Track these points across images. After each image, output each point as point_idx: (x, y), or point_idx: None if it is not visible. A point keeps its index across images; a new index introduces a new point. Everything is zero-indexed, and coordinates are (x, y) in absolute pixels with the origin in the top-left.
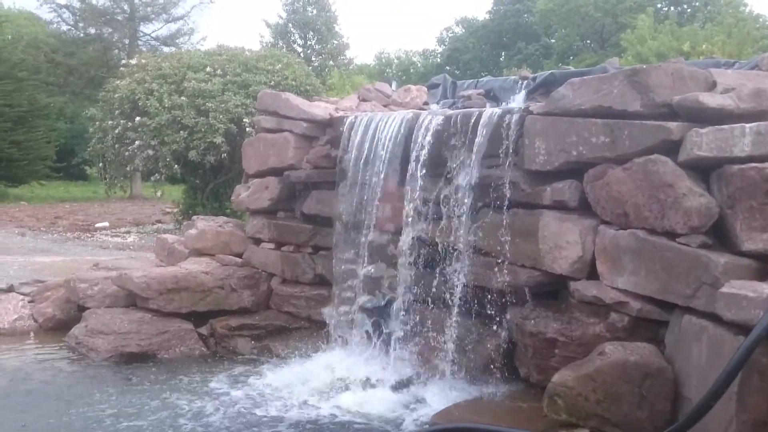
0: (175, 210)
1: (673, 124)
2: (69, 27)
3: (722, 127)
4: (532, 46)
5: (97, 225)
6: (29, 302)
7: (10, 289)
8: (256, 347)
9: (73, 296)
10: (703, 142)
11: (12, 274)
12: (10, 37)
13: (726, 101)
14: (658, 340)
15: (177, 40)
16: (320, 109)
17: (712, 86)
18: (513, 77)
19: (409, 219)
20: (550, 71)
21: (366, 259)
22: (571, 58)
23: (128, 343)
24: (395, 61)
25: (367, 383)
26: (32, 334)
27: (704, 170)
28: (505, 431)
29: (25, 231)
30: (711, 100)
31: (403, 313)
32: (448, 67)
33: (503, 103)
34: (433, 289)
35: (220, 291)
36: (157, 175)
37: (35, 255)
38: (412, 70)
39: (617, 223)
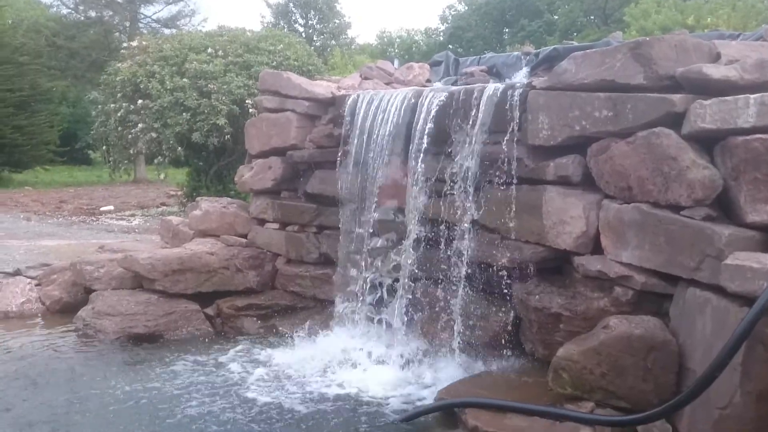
0: (179, 193)
1: (676, 97)
2: (69, 10)
3: (726, 98)
4: (535, 23)
5: (101, 209)
6: (36, 285)
7: (17, 273)
8: (262, 327)
9: (80, 279)
10: (706, 114)
11: (18, 258)
12: (10, 21)
13: (730, 72)
14: (663, 313)
15: (178, 22)
16: (322, 87)
17: (716, 58)
18: (516, 53)
19: (413, 196)
20: (553, 47)
21: (370, 237)
22: (575, 34)
23: (135, 324)
24: (397, 40)
25: (372, 360)
26: (40, 316)
27: (708, 142)
28: (510, 405)
29: (30, 216)
30: (715, 71)
31: (408, 290)
32: (450, 46)
33: (506, 80)
34: (438, 266)
35: (226, 271)
36: (160, 158)
37: (41, 239)
38: (414, 49)
39: (621, 197)
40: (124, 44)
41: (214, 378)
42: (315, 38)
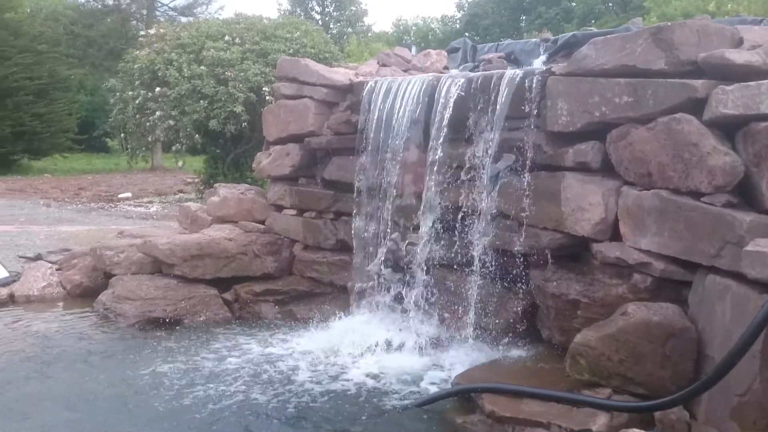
0: (197, 180)
1: (698, 82)
2: None
3: (748, 83)
4: (553, 10)
5: (120, 195)
6: (57, 270)
7: (38, 258)
8: (280, 312)
9: (100, 264)
10: (728, 100)
11: (39, 244)
12: (29, 10)
13: (753, 57)
14: (682, 300)
15: (195, 10)
16: (340, 74)
17: (738, 43)
18: (534, 40)
19: (431, 183)
20: (572, 33)
21: (388, 224)
22: (593, 21)
23: (155, 308)
24: (413, 28)
25: (389, 346)
26: (61, 300)
27: (730, 128)
28: (527, 391)
29: (50, 202)
30: (737, 56)
31: (425, 277)
32: (467, 33)
33: (524, 66)
34: (455, 253)
35: (244, 257)
36: (178, 145)
37: (61, 225)
38: (430, 37)
39: (640, 184)
40: (142, 32)
41: (232, 362)
42: (331, 26)
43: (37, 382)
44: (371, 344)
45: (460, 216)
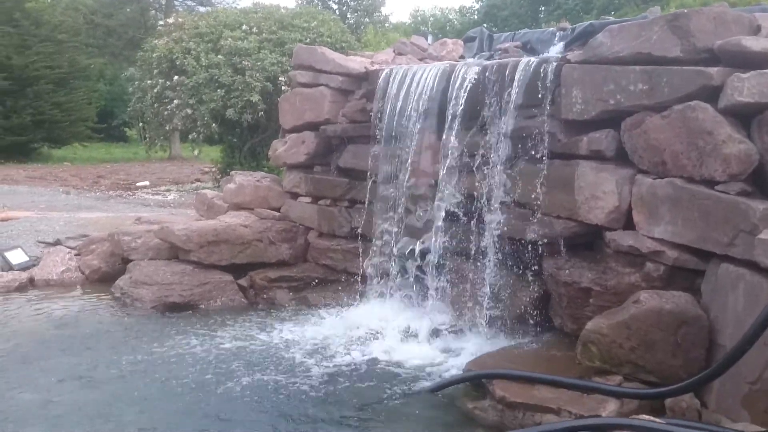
0: (213, 169)
1: (713, 70)
2: None
3: (765, 71)
4: (573, 1)
5: (138, 184)
6: (76, 255)
7: (57, 243)
8: (294, 299)
9: (117, 249)
10: (744, 88)
11: (58, 229)
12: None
13: None
14: (695, 289)
15: (213, 0)
16: (356, 62)
17: (756, 30)
18: (551, 29)
19: (445, 171)
20: (588, 22)
21: (402, 212)
22: (612, 12)
23: (171, 293)
24: (431, 18)
25: (403, 333)
26: (79, 285)
27: (745, 116)
28: (538, 377)
29: (69, 190)
30: (755, 43)
31: (438, 264)
32: (485, 24)
33: (541, 55)
34: (469, 241)
35: (259, 244)
36: (195, 134)
37: (80, 211)
38: (448, 28)
39: (655, 172)
40: (161, 21)
41: (246, 346)
42: (348, 15)
43: (54, 362)
44: (384, 330)
45: (473, 203)
